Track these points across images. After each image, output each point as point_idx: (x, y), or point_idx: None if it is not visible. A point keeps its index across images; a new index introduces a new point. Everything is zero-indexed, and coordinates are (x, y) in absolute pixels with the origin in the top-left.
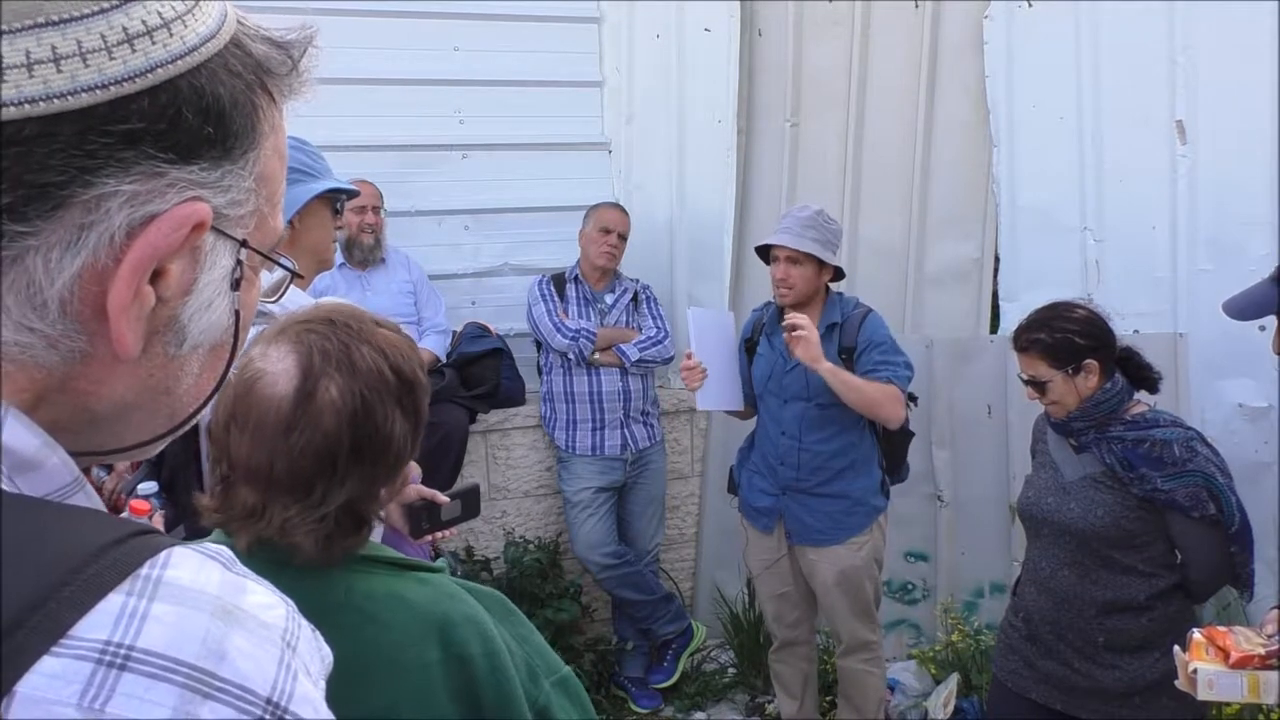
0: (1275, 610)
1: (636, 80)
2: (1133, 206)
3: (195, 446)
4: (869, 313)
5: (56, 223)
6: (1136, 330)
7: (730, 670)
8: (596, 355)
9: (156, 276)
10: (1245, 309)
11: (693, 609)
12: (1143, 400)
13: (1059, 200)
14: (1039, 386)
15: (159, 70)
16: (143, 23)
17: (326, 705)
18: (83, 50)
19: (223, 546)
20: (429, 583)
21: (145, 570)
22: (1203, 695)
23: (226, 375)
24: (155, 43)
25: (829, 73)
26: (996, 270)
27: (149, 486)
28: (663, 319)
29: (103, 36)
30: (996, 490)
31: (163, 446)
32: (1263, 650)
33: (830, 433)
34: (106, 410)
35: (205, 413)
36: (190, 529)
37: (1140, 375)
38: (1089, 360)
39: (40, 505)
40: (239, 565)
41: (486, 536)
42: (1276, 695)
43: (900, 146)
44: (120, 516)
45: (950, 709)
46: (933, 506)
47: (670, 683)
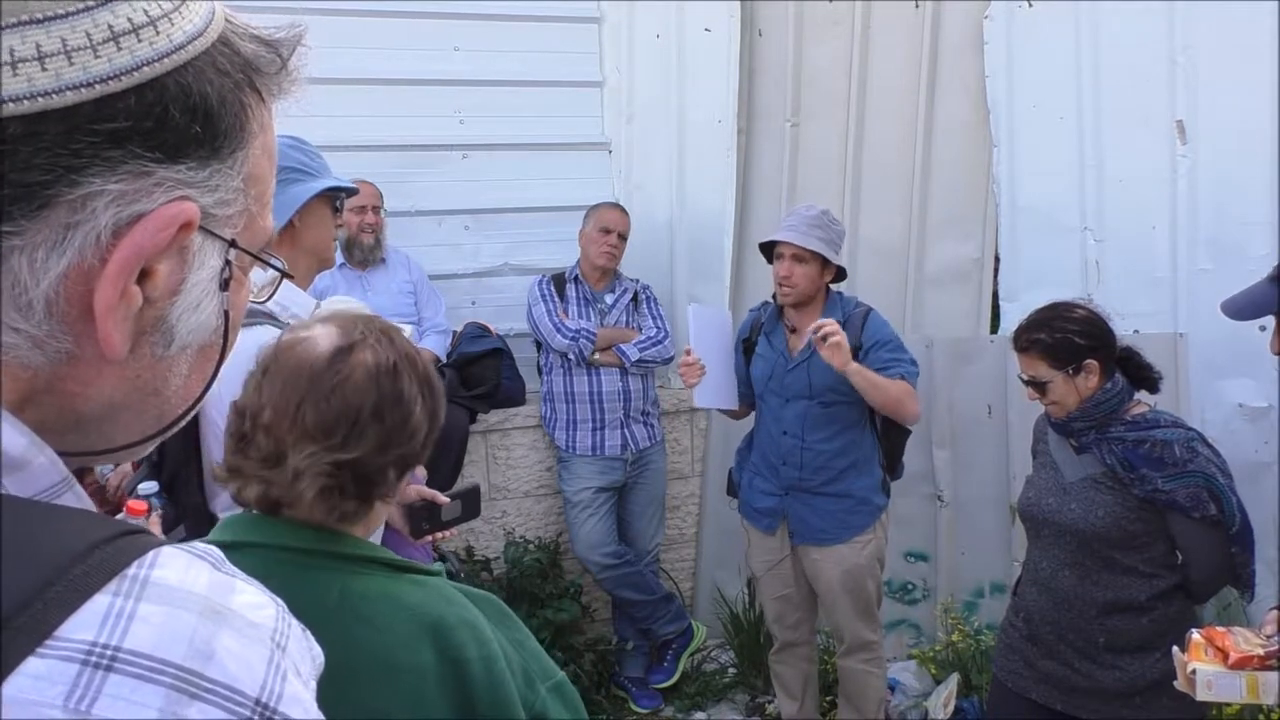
0: (1274, 611)
1: (636, 80)
2: (1133, 206)
3: (196, 447)
4: (870, 311)
5: (42, 222)
6: (1136, 330)
7: (730, 670)
8: (596, 355)
9: (144, 277)
10: (1244, 309)
11: (693, 609)
12: (1143, 400)
13: (1059, 200)
14: (1039, 387)
15: (145, 68)
16: (129, 20)
17: (317, 706)
18: (68, 48)
19: (212, 546)
20: (425, 585)
21: (132, 570)
22: (1201, 696)
23: (216, 376)
24: (141, 40)
25: (829, 73)
26: (996, 270)
27: (149, 486)
28: (663, 319)
29: (88, 34)
30: (996, 490)
31: (152, 448)
32: (1261, 651)
33: (833, 431)
34: (94, 411)
35: (212, 411)
36: (190, 529)
37: (1140, 375)
38: (1089, 360)
39: (27, 505)
40: (228, 565)
41: (486, 536)
42: (1275, 696)
43: (900, 146)
44: (113, 516)
45: (950, 709)
46: (933, 506)
47: (670, 683)
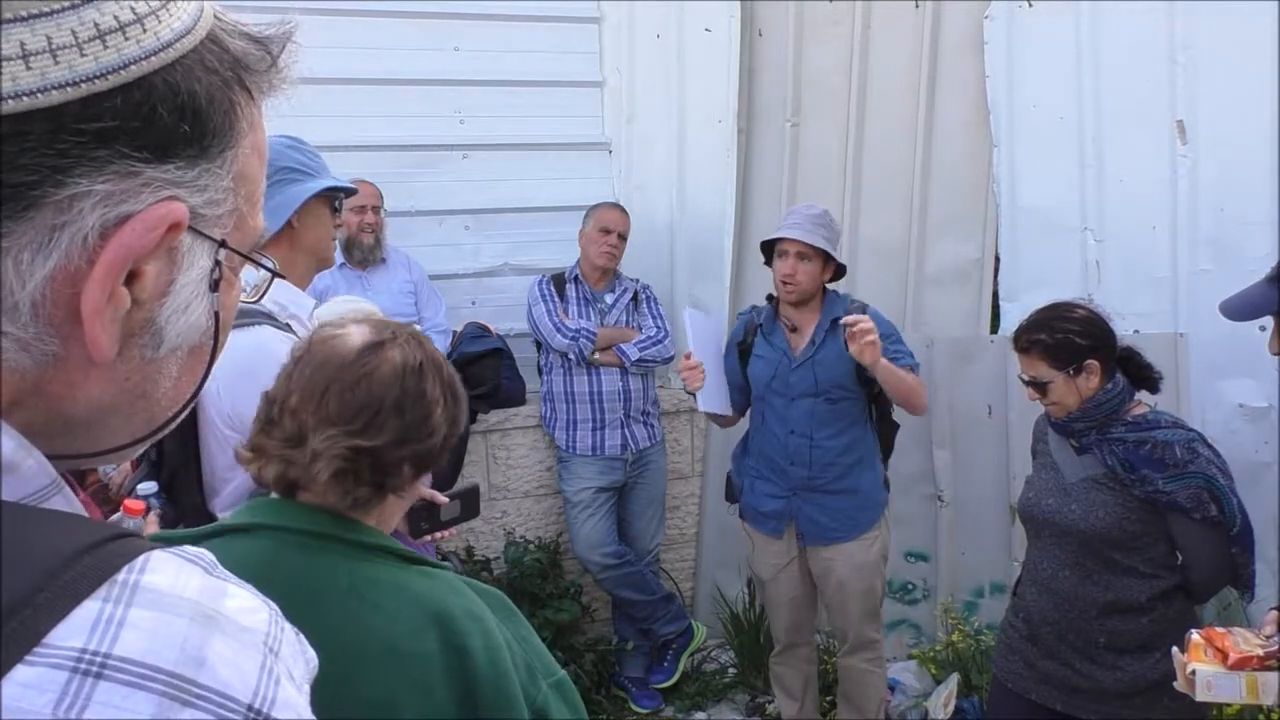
0: (1274, 611)
1: (636, 80)
2: (1133, 206)
3: (195, 447)
4: (866, 307)
5: (28, 224)
6: (1137, 330)
7: (730, 670)
8: (596, 355)
9: (132, 278)
10: (1242, 309)
11: (693, 609)
12: (1143, 401)
13: (1059, 200)
14: (1040, 387)
15: (132, 67)
16: (115, 18)
17: (310, 710)
18: (53, 46)
19: (204, 550)
20: (434, 577)
21: (122, 575)
22: (1201, 696)
23: (207, 377)
24: (129, 39)
25: (829, 73)
26: (997, 270)
27: (148, 486)
28: (663, 318)
29: (74, 32)
30: (996, 490)
31: (142, 450)
32: (1261, 651)
33: (839, 428)
34: (82, 414)
35: (211, 412)
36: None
37: (1141, 375)
38: (1090, 361)
39: (15, 509)
40: (220, 569)
41: (487, 536)
42: (1275, 696)
43: (900, 146)
44: (101, 520)
45: (950, 709)
46: (933, 506)
47: (670, 683)
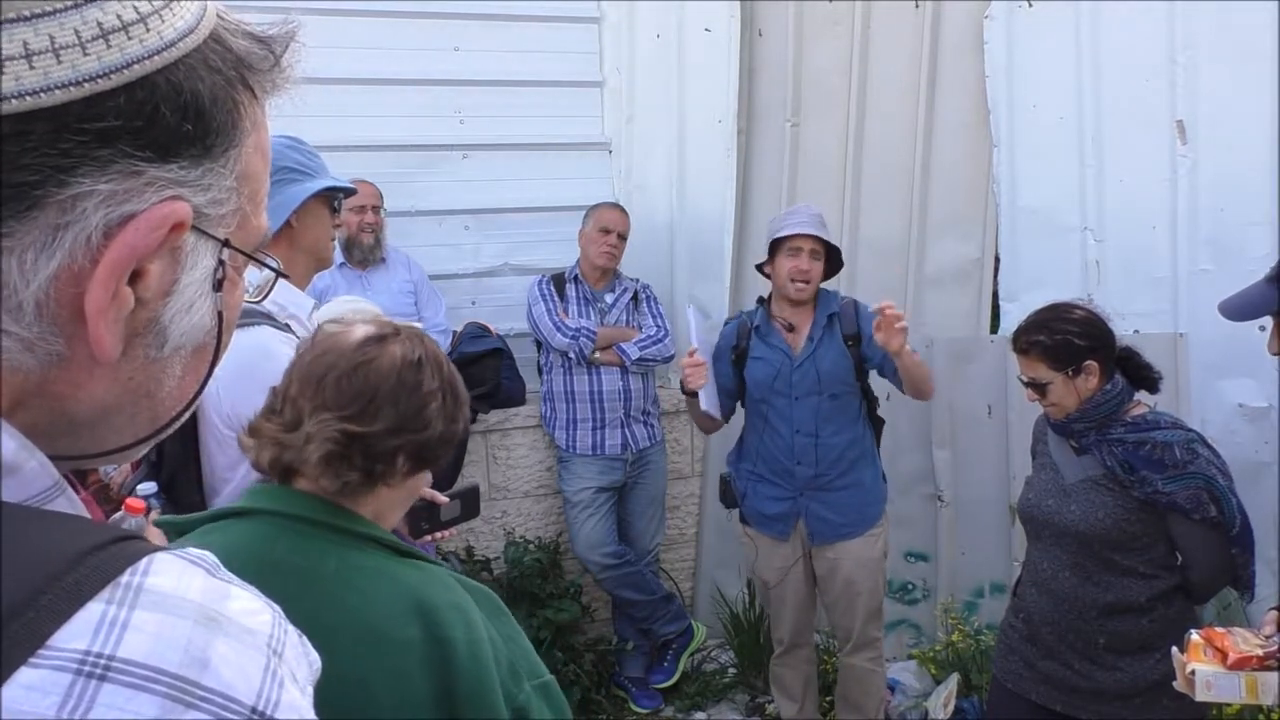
0: (1274, 611)
1: (636, 80)
2: (1133, 206)
3: (195, 447)
4: (856, 302)
5: (31, 223)
6: (1136, 330)
7: (730, 670)
8: (597, 354)
9: (135, 278)
10: (1242, 309)
11: (693, 609)
12: (1143, 401)
13: (1059, 200)
14: (1039, 388)
15: (135, 66)
16: (118, 17)
17: (313, 711)
18: (56, 46)
19: (206, 552)
20: (423, 569)
21: (126, 577)
22: (1201, 696)
23: (210, 377)
24: (131, 38)
25: (829, 73)
26: (996, 270)
27: (148, 487)
28: (663, 318)
29: (76, 32)
30: (996, 490)
31: (145, 450)
32: (1260, 651)
33: (842, 424)
34: (86, 414)
35: (211, 413)
36: None
37: (1140, 375)
38: (1089, 361)
39: (18, 511)
40: (223, 571)
41: (486, 536)
42: (1275, 696)
43: (900, 146)
44: (103, 522)
45: (950, 709)
46: (933, 506)
47: (670, 683)
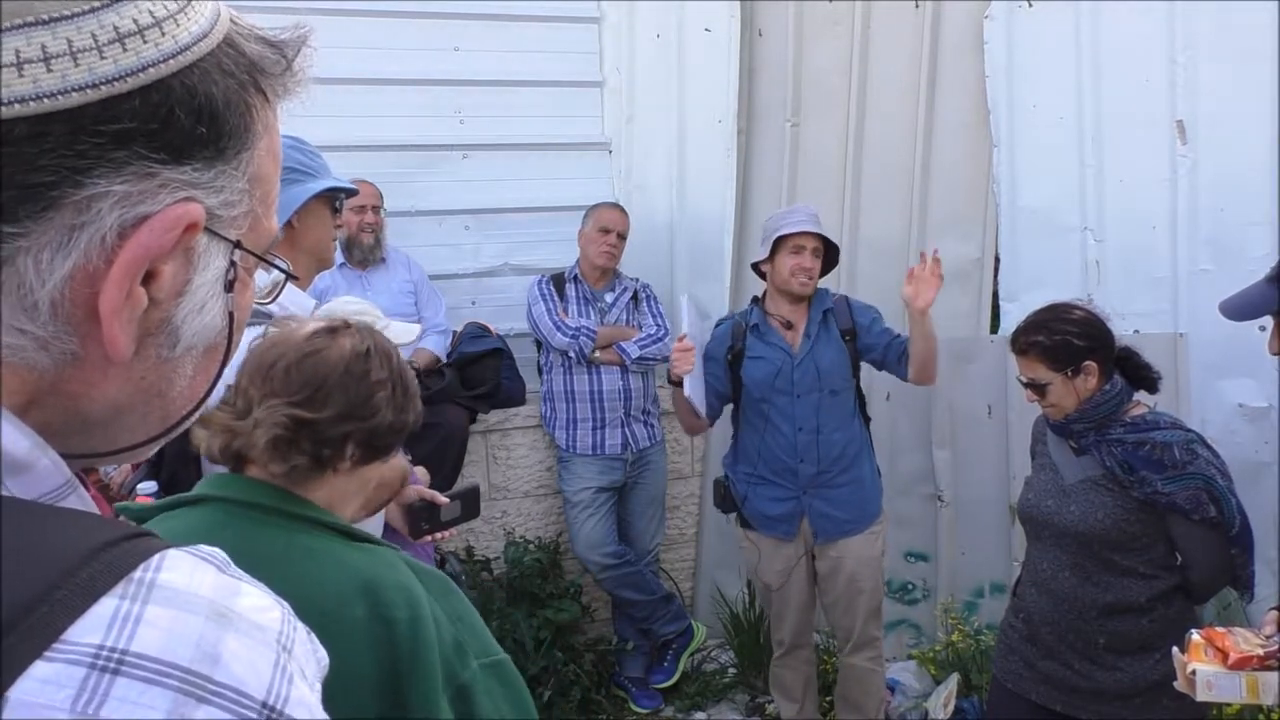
0: (1274, 611)
1: (636, 80)
2: (1133, 206)
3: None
4: (847, 297)
5: (47, 224)
6: (1136, 330)
7: (730, 670)
8: (597, 353)
9: (149, 278)
10: (1242, 309)
11: (693, 609)
12: (1142, 401)
13: (1059, 200)
14: (1038, 389)
15: (151, 69)
16: (134, 21)
17: (322, 708)
18: (73, 49)
19: (217, 549)
20: (372, 552)
21: (138, 573)
22: (1201, 696)
23: (220, 377)
24: (147, 41)
25: (829, 73)
26: (996, 270)
27: (148, 486)
28: (663, 317)
29: (94, 35)
30: (996, 490)
31: (156, 449)
32: (1261, 651)
33: (841, 420)
34: (98, 413)
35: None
36: None
37: (1139, 375)
38: (1088, 362)
39: (31, 508)
40: (233, 568)
41: (486, 536)
42: (1275, 696)
43: (900, 146)
44: (114, 519)
45: (950, 709)
46: (933, 506)
47: (670, 683)
